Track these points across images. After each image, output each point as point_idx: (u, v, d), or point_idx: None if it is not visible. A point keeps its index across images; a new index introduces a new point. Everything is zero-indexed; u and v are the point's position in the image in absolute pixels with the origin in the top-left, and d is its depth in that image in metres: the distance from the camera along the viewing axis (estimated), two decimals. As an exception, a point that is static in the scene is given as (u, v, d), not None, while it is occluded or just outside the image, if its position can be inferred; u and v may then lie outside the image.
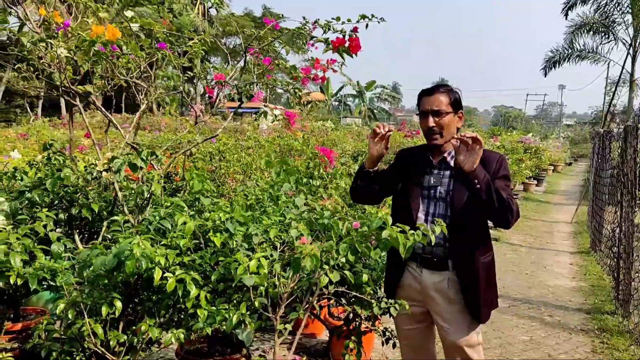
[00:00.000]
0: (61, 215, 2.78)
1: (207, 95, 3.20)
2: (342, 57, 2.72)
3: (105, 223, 2.97)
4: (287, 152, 8.69)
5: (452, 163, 2.46)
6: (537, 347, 4.55)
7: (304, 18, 2.71)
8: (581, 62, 17.73)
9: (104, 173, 2.86)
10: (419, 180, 2.51)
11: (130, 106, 26.14)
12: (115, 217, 2.56)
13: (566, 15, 17.12)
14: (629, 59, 16.54)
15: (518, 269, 7.24)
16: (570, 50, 17.86)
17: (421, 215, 2.46)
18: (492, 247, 2.58)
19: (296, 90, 2.91)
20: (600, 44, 17.13)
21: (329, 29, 2.71)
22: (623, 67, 16.99)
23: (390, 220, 2.09)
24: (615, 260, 5.51)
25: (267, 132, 13.16)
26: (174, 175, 3.92)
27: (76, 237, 2.84)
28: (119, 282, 2.32)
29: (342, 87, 49.97)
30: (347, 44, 2.70)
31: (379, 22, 2.60)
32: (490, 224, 2.47)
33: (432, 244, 2.20)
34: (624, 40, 16.60)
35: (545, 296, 6.03)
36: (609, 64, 18.42)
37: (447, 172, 2.46)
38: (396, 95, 63.02)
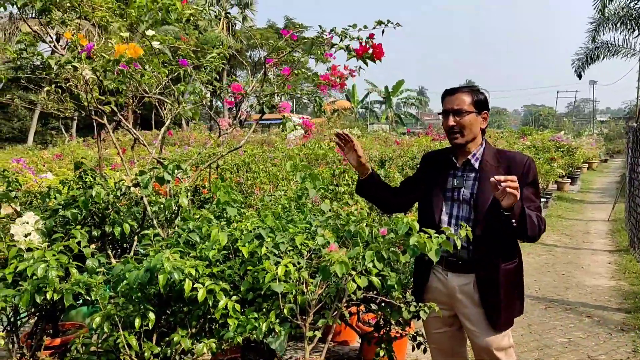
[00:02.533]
0: (94, 233, 2.85)
1: (234, 109, 3.27)
2: (366, 64, 2.74)
3: (136, 237, 3.04)
4: (313, 161, 8.75)
5: (476, 165, 2.43)
6: (575, 348, 4.44)
7: (320, 27, 2.74)
8: (612, 58, 17.25)
9: (132, 188, 2.93)
10: (442, 182, 2.49)
11: (159, 123, 26.69)
12: (146, 232, 2.62)
13: (602, 12, 16.68)
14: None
15: (554, 269, 7.08)
16: (599, 48, 17.42)
17: (445, 218, 2.45)
18: (520, 254, 2.50)
19: (316, 98, 2.94)
20: (626, 36, 16.66)
21: (345, 37, 2.73)
22: (655, 59, 16.54)
23: (417, 226, 2.08)
24: (655, 257, 5.34)
25: (294, 143, 13.25)
26: (201, 188, 3.99)
27: (109, 252, 2.92)
28: (151, 294, 2.37)
29: (368, 94, 49.92)
30: (370, 51, 2.71)
31: (394, 28, 2.61)
32: None
33: (458, 248, 2.17)
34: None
35: (583, 297, 5.88)
36: (640, 56, 17.92)
37: (472, 174, 2.43)
38: (423, 99, 62.59)
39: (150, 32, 2.84)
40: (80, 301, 2.61)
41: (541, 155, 13.37)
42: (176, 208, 2.91)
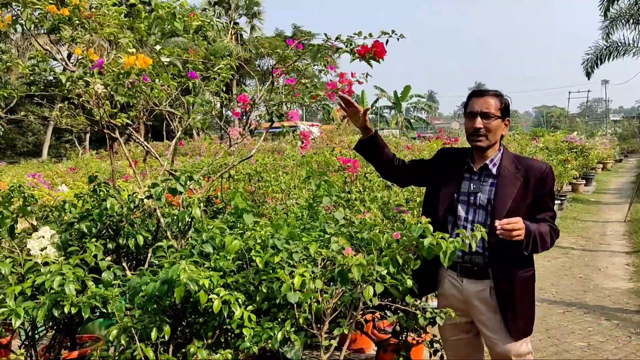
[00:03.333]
0: (109, 245, 2.88)
1: (244, 118, 3.29)
2: (370, 65, 2.74)
3: (150, 250, 3.06)
4: (325, 168, 8.75)
5: (494, 171, 2.42)
6: (595, 352, 4.37)
7: (325, 35, 2.75)
8: (624, 57, 17.08)
9: (145, 200, 2.95)
10: (456, 185, 2.48)
11: (170, 133, 26.91)
12: (160, 243, 2.63)
13: (605, 14, 16.59)
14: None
15: (571, 272, 6.99)
16: (609, 47, 17.25)
17: (460, 222, 2.43)
18: (534, 263, 2.50)
19: (325, 107, 2.94)
20: (637, 35, 16.49)
21: (350, 45, 2.74)
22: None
23: (430, 228, 2.07)
24: (674, 257, 5.25)
25: (305, 150, 13.26)
26: (214, 199, 4.01)
27: (124, 264, 2.94)
28: (166, 306, 2.38)
29: (377, 100, 49.91)
30: (372, 51, 2.71)
31: (397, 40, 2.62)
32: None
33: (473, 250, 2.15)
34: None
35: (602, 299, 5.80)
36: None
37: (489, 180, 2.41)
38: (432, 103, 62.47)
39: (158, 47, 2.87)
40: (97, 313, 2.63)
41: (554, 156, 13.26)
42: (189, 219, 2.92)
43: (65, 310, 2.29)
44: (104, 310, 2.46)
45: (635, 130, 36.88)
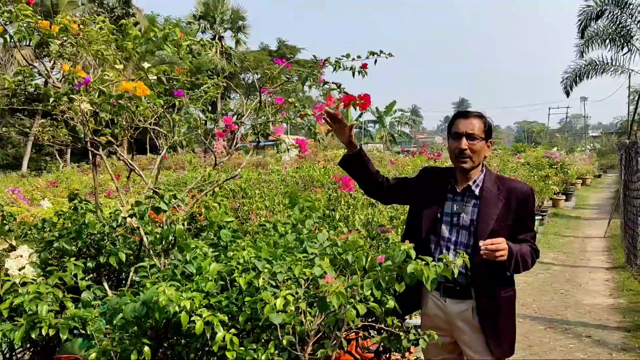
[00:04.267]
0: (89, 264, 2.83)
1: (229, 132, 3.27)
2: (356, 109, 2.76)
3: (132, 268, 3.02)
4: (308, 183, 8.75)
5: (477, 192, 2.44)
6: (577, 370, 4.41)
7: (314, 57, 2.77)
8: (602, 75, 17.45)
9: (128, 219, 2.92)
10: (439, 205, 2.50)
11: (154, 147, 26.73)
12: (142, 263, 2.60)
13: (582, 34, 17.00)
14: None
15: (552, 288, 7.06)
16: (587, 66, 17.63)
17: (443, 243, 2.45)
18: (514, 283, 2.54)
19: (311, 128, 2.96)
20: (615, 53, 16.90)
21: (339, 67, 2.76)
22: (645, 76, 16.71)
23: (414, 253, 2.07)
24: (653, 274, 5.34)
25: (289, 164, 13.28)
26: (197, 216, 3.97)
27: (105, 284, 2.89)
28: (148, 327, 2.35)
29: (361, 114, 50.19)
30: (357, 102, 2.72)
31: (386, 58, 2.64)
32: None
33: (456, 275, 2.17)
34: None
35: (583, 316, 5.87)
36: (630, 74, 18.13)
37: (472, 201, 2.44)
38: (416, 118, 63.01)
39: (146, 65, 2.87)
40: (77, 333, 2.58)
41: (535, 172, 13.43)
42: (172, 237, 2.89)
43: (43, 332, 2.24)
44: (83, 331, 2.43)
45: (614, 147, 37.52)
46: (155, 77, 2.86)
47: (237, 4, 46.95)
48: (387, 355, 2.85)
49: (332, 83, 2.83)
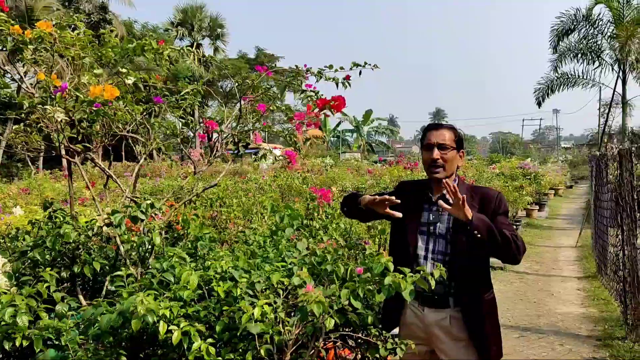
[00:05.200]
0: (63, 274, 2.79)
1: (212, 132, 3.27)
2: (332, 113, 2.79)
3: (108, 278, 2.98)
4: (287, 192, 8.75)
5: (451, 200, 2.49)
6: (550, 378, 4.48)
7: (296, 67, 2.79)
8: (573, 88, 17.93)
9: (104, 228, 2.88)
10: (417, 216, 2.54)
11: (130, 153, 26.40)
12: (119, 272, 2.57)
13: (555, 49, 17.48)
14: (619, 82, 16.79)
15: (526, 297, 7.17)
16: (559, 79, 18.10)
17: (421, 252, 2.49)
18: (492, 285, 2.59)
19: (292, 136, 2.98)
20: (585, 67, 17.42)
21: (321, 77, 2.78)
22: (614, 90, 17.24)
23: (392, 266, 2.10)
24: (622, 284, 5.47)
25: (267, 172, 13.26)
26: (175, 225, 3.94)
27: (80, 296, 2.85)
28: (123, 337, 2.32)
29: (339, 123, 50.44)
30: (331, 104, 2.75)
31: (372, 69, 2.68)
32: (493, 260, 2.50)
33: (433, 287, 2.19)
34: (611, 64, 16.91)
35: (555, 324, 5.97)
36: (600, 87, 18.67)
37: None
38: (393, 128, 63.60)
39: (124, 70, 2.84)
40: (50, 344, 2.53)
41: (510, 183, 13.66)
42: (150, 246, 2.87)
43: (17, 342, 2.20)
44: (57, 343, 2.38)
45: (585, 158, 38.37)
46: (132, 80, 2.83)
47: (215, 11, 46.81)
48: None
49: (311, 90, 2.84)
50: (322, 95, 2.69)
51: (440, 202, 2.32)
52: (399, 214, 2.46)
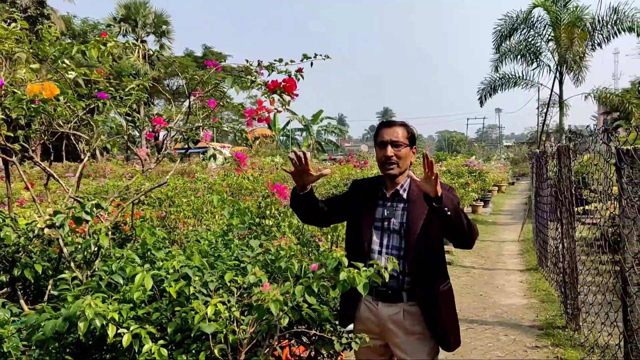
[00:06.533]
0: (2, 278, 2.65)
1: (160, 130, 3.18)
2: (283, 99, 2.78)
3: (51, 281, 2.85)
4: (237, 192, 8.63)
5: (404, 195, 2.53)
6: (496, 367, 4.63)
7: (247, 61, 2.76)
8: (514, 88, 18.64)
9: (46, 230, 2.76)
10: (372, 212, 2.56)
11: (71, 153, 25.41)
12: (63, 275, 2.46)
13: (498, 49, 18.11)
14: (557, 82, 17.56)
15: (472, 290, 7.39)
16: (501, 79, 18.76)
17: (375, 247, 2.51)
18: (449, 275, 2.65)
19: (242, 132, 2.94)
20: (525, 68, 18.13)
21: (272, 70, 2.76)
22: (552, 90, 18.01)
23: (345, 261, 2.11)
24: (561, 275, 5.72)
25: (216, 172, 13.05)
26: (122, 225, 3.82)
27: (21, 301, 2.72)
28: (69, 342, 2.23)
29: (288, 122, 50.31)
30: (282, 85, 2.74)
31: (324, 59, 2.68)
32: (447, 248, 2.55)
33: (386, 280, 2.22)
34: (548, 65, 17.69)
35: (500, 316, 6.18)
36: (539, 88, 19.47)
37: (400, 205, 2.52)
38: (342, 127, 63.99)
39: (66, 61, 2.72)
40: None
41: (456, 180, 14.03)
42: (96, 248, 2.77)
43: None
44: (-2, 350, 2.26)
45: (525, 156, 40.00)
46: (73, 75, 2.72)
47: (160, 8, 45.68)
48: (319, 361, 2.86)
49: (260, 79, 2.81)
50: (266, 87, 2.67)
51: (410, 172, 2.30)
52: (328, 171, 2.47)
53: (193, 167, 18.37)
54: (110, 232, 2.94)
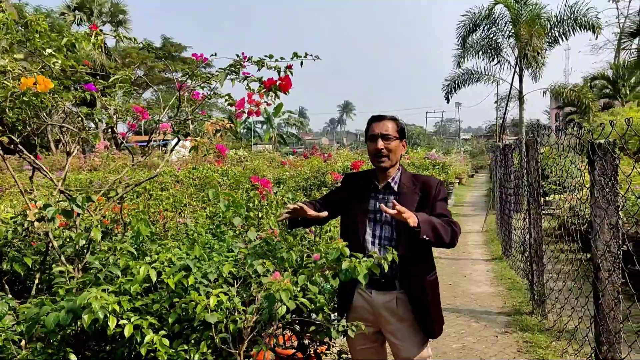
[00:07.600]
0: (-9, 271, 2.60)
1: (109, 130, 3.15)
2: (277, 96, 2.81)
3: (37, 275, 2.81)
4: (205, 184, 8.57)
5: (396, 188, 2.62)
6: (469, 352, 4.82)
7: (237, 55, 2.78)
8: (476, 83, 19.10)
9: (36, 223, 2.72)
10: (364, 204, 2.64)
11: (45, 145, 24.52)
12: (59, 268, 2.44)
13: (463, 46, 18.50)
14: (516, 77, 18.11)
15: (441, 280, 7.48)
16: (465, 74, 19.18)
17: (369, 238, 2.59)
18: (435, 266, 2.74)
19: (231, 118, 2.95)
20: (487, 64, 18.62)
21: (262, 66, 2.80)
22: (511, 85, 18.56)
23: (347, 251, 2.17)
24: (528, 263, 5.96)
25: (178, 164, 12.87)
26: (102, 218, 3.78)
27: (9, 295, 2.67)
28: (68, 334, 2.22)
29: (247, 117, 49.87)
30: (278, 83, 2.79)
31: (314, 60, 2.73)
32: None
33: (385, 270, 2.30)
34: (509, 61, 18.23)
35: (470, 303, 6.40)
36: (497, 82, 20.05)
37: (392, 197, 2.60)
38: (303, 119, 64.06)
39: (49, 50, 2.67)
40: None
41: (421, 172, 14.29)
42: (87, 242, 2.74)
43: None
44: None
45: (483, 149, 41.08)
46: (59, 64, 2.68)
47: (117, -4, 44.27)
48: (313, 348, 2.93)
49: (253, 75, 2.83)
50: (262, 84, 2.72)
51: (382, 206, 2.36)
52: (325, 214, 2.56)
53: (155, 161, 18.04)
54: (100, 226, 2.91)
